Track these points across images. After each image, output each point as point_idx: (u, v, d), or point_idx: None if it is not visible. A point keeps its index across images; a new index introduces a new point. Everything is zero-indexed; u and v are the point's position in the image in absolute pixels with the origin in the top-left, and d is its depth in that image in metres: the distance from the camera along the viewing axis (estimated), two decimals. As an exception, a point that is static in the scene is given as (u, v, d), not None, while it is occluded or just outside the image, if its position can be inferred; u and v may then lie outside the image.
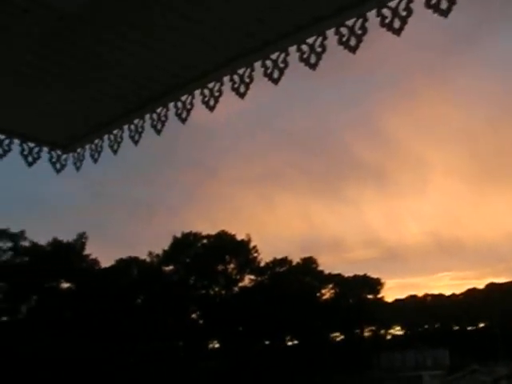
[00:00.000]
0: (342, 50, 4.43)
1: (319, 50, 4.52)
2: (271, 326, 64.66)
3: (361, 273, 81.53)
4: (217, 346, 74.35)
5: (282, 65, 4.68)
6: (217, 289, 71.62)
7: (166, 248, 71.14)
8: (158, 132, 5.46)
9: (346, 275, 79.66)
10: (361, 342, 79.80)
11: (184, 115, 5.25)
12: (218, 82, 5.05)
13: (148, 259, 71.46)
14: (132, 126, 5.61)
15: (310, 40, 4.55)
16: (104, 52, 4.77)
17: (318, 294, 77.46)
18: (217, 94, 5.04)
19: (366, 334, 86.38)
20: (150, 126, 5.53)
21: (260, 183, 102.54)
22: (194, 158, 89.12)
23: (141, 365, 56.92)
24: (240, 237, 72.23)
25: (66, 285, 65.00)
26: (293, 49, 4.65)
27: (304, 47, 4.58)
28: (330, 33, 4.48)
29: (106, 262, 72.48)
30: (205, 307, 69.05)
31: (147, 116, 5.52)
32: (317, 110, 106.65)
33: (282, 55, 4.69)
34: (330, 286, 79.20)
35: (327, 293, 79.29)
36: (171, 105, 5.36)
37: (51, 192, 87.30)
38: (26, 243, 63.27)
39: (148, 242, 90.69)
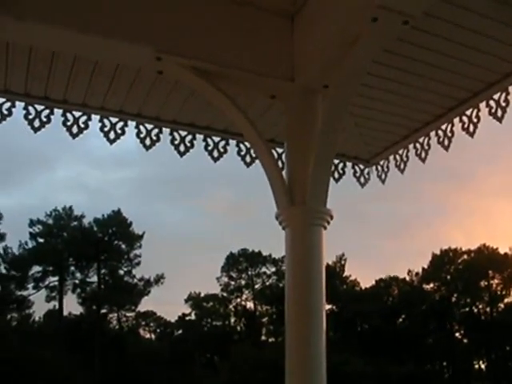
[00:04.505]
0: None
1: None
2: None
3: None
4: (482, 366, 71.34)
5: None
6: (481, 306, 69.10)
7: (425, 265, 70.38)
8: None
9: None
10: None
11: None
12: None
13: (408, 278, 71.21)
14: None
15: None
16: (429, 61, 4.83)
17: None
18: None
19: None
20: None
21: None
22: (448, 169, 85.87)
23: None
24: (503, 250, 69.33)
25: (328, 306, 66.56)
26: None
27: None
28: None
29: (365, 282, 73.43)
30: (469, 325, 66.91)
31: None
32: None
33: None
34: None
35: None
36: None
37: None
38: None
39: (405, 259, 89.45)
